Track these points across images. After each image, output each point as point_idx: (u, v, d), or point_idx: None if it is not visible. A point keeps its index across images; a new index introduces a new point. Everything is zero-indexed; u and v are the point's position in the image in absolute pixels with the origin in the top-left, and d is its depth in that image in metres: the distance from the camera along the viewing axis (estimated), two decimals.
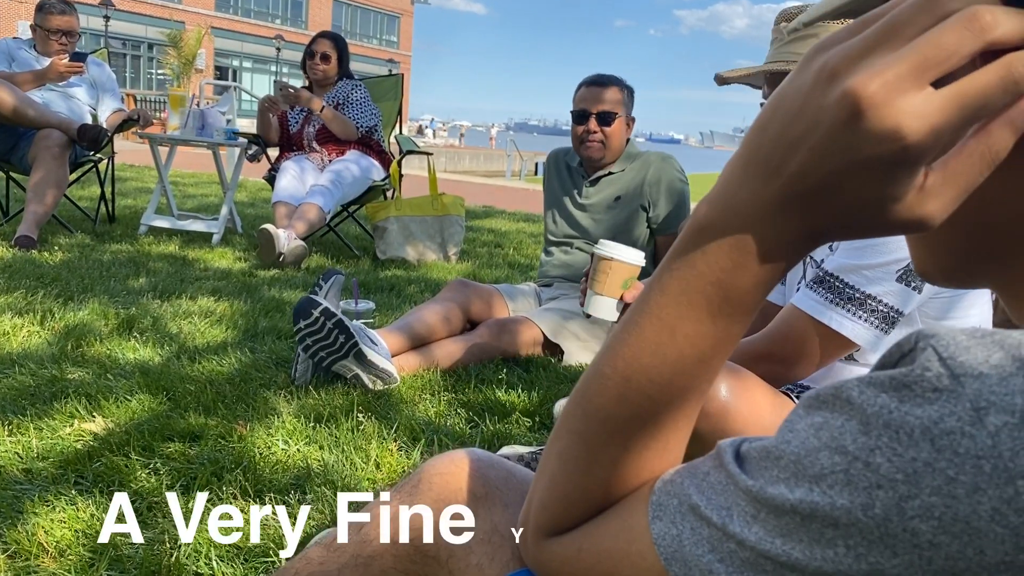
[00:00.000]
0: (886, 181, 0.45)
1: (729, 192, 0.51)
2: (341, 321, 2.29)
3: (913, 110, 0.43)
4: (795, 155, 0.47)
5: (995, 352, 0.43)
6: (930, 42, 0.43)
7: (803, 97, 0.47)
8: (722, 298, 0.53)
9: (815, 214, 0.48)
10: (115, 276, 3.64)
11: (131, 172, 8.95)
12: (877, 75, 0.43)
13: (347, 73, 4.91)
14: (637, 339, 0.57)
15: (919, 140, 0.43)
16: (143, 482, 1.72)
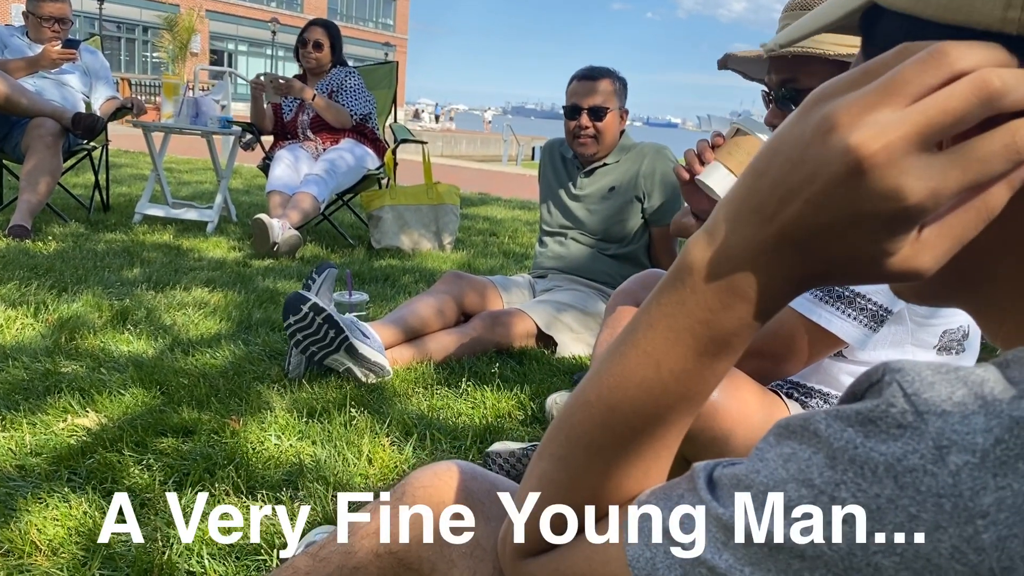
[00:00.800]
0: (882, 237, 0.45)
1: (722, 234, 0.51)
2: (330, 316, 2.30)
3: (915, 173, 0.43)
4: (791, 204, 0.47)
5: (958, 389, 0.44)
6: (937, 106, 0.43)
7: (803, 147, 0.46)
8: (709, 337, 0.54)
9: (808, 262, 0.49)
10: (109, 266, 3.64)
11: (126, 158, 8.93)
12: (881, 135, 0.43)
13: (341, 60, 4.89)
14: (623, 370, 0.57)
15: (919, 202, 0.43)
16: (136, 479, 1.73)
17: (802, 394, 1.78)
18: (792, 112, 0.50)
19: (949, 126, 0.43)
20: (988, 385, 0.43)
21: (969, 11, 0.46)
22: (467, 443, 2.00)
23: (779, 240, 0.48)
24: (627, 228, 3.09)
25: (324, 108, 4.62)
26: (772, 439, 0.50)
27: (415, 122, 43.30)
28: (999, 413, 0.42)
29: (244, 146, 4.99)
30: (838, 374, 1.75)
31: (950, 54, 0.43)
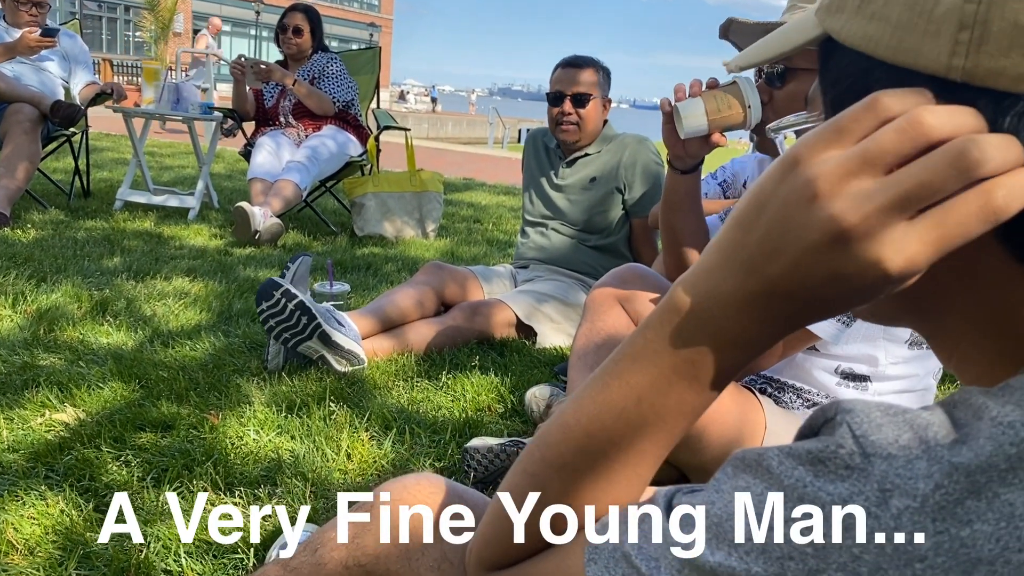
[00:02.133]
0: (866, 296, 0.47)
1: (710, 281, 0.53)
2: (303, 303, 2.29)
3: (894, 244, 0.44)
4: (778, 261, 0.48)
5: (904, 432, 0.45)
6: (914, 177, 0.43)
7: (787, 210, 0.47)
8: (692, 376, 0.55)
9: (792, 310, 0.50)
10: (89, 255, 3.61)
11: (107, 141, 8.85)
12: (860, 206, 0.44)
13: (322, 46, 4.85)
14: (604, 399, 0.58)
15: (898, 272, 0.45)
16: (114, 475, 1.73)
17: (775, 389, 1.80)
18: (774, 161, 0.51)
19: (927, 197, 0.43)
20: (932, 429, 0.44)
21: (916, 55, 0.47)
22: (446, 437, 2.01)
23: (767, 292, 0.50)
24: (608, 219, 3.10)
25: (306, 95, 4.59)
26: (730, 470, 0.51)
27: (401, 103, 43.04)
28: (940, 459, 0.43)
29: (225, 132, 4.96)
30: (811, 369, 1.77)
31: (925, 122, 0.44)
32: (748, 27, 1.74)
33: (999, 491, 0.42)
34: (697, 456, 1.59)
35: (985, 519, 0.41)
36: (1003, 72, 0.44)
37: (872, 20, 0.50)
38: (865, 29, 0.50)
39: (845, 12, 0.52)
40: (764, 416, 1.62)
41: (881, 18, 0.49)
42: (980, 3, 0.44)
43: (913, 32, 0.47)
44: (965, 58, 0.45)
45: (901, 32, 0.48)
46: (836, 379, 1.75)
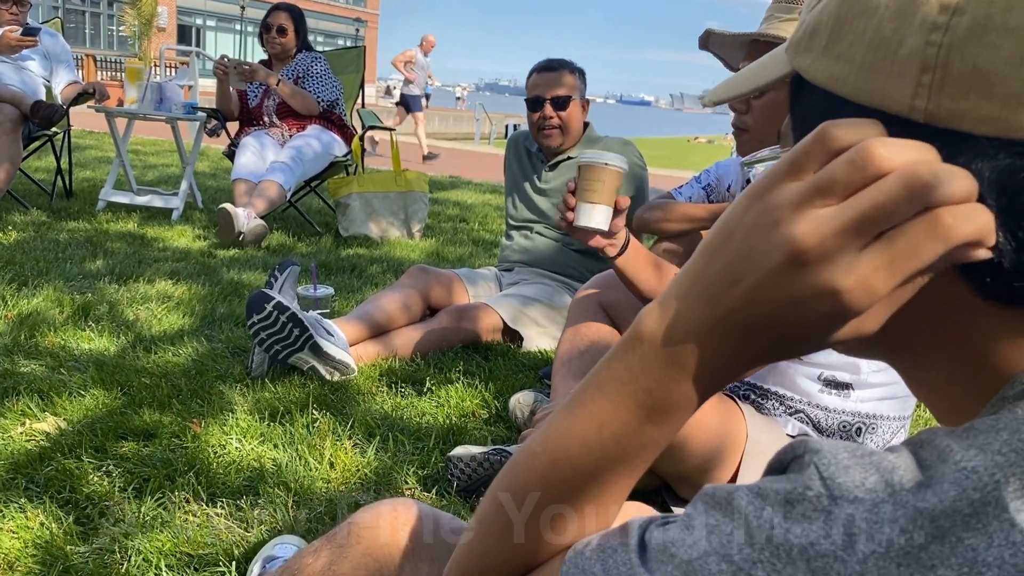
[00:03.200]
0: (823, 323, 0.47)
1: (673, 310, 0.53)
2: (295, 315, 2.29)
3: (848, 266, 0.44)
4: (737, 287, 0.49)
5: (871, 475, 0.45)
6: (869, 202, 0.44)
7: (749, 237, 0.48)
8: (651, 406, 0.55)
9: (751, 342, 0.50)
10: (71, 258, 3.59)
11: (90, 139, 8.80)
12: (817, 230, 0.45)
13: (306, 45, 4.83)
14: (568, 427, 0.59)
15: (854, 297, 0.45)
16: (95, 486, 1.72)
17: (758, 396, 1.81)
18: (741, 193, 0.52)
19: (881, 221, 0.44)
20: (898, 473, 0.45)
21: (881, 96, 0.48)
22: (430, 445, 2.01)
23: (726, 320, 0.50)
24: None
25: (290, 95, 4.57)
26: (700, 506, 0.52)
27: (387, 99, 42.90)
28: (905, 503, 0.43)
29: (209, 132, 4.93)
30: (794, 376, 1.78)
31: (876, 153, 0.44)
32: (726, 38, 1.74)
33: (963, 536, 0.42)
34: (679, 465, 1.60)
35: (949, 564, 0.42)
36: (963, 114, 0.45)
37: (838, 61, 0.50)
38: (832, 69, 0.51)
39: (813, 52, 0.53)
40: (746, 425, 1.63)
41: (847, 59, 0.50)
42: (940, 47, 0.45)
43: (878, 73, 0.48)
44: (927, 100, 0.46)
45: (866, 73, 0.48)
46: (819, 386, 1.76)
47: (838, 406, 1.75)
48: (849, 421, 1.75)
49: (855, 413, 1.75)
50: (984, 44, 0.44)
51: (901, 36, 0.47)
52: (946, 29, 0.45)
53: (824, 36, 0.52)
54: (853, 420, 1.75)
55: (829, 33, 0.51)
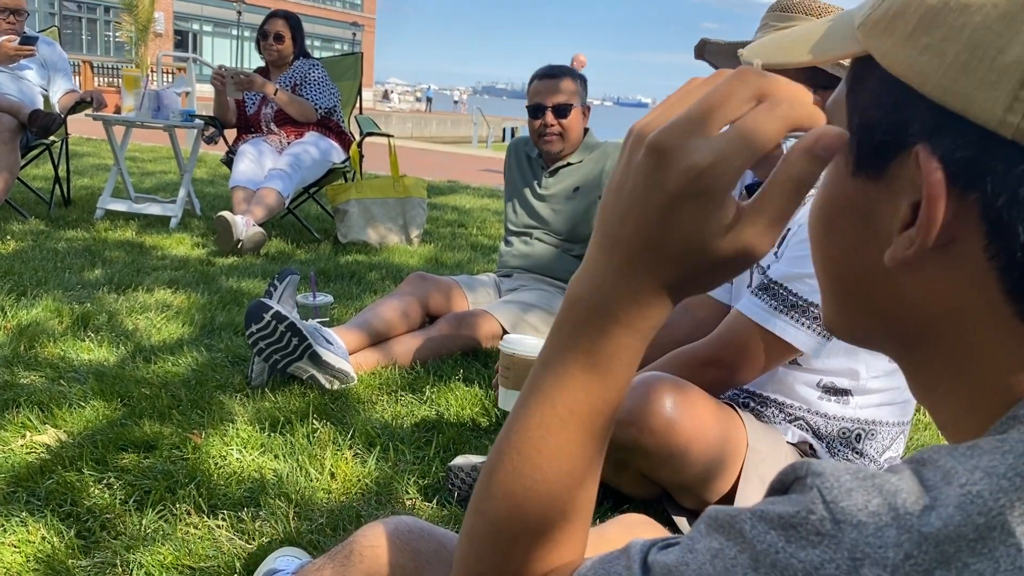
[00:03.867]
0: (698, 215, 0.50)
1: (589, 267, 0.56)
2: (293, 324, 2.29)
3: (702, 146, 0.49)
4: (627, 219, 0.52)
5: (874, 498, 0.45)
6: (710, 92, 0.49)
7: (623, 168, 0.53)
8: (591, 364, 0.56)
9: (656, 269, 0.53)
10: (70, 267, 3.59)
11: (88, 146, 8.79)
12: (670, 127, 0.50)
13: (303, 52, 4.83)
14: (525, 413, 0.59)
15: (710, 166, 0.48)
16: (96, 499, 1.72)
17: (758, 403, 1.81)
18: None
19: (720, 103, 0.49)
20: (901, 496, 0.45)
21: (968, 101, 0.45)
22: (430, 454, 2.01)
23: (628, 256, 0.53)
24: (592, 227, 3.10)
25: (287, 103, 4.57)
26: (703, 528, 0.51)
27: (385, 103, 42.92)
28: (909, 528, 0.43)
29: (207, 140, 4.93)
30: (793, 384, 1.78)
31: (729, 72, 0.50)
32: (722, 47, 1.75)
33: (968, 561, 0.42)
34: (679, 474, 1.60)
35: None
36: None
37: (924, 52, 0.47)
38: (915, 60, 0.47)
39: (894, 36, 0.49)
40: (746, 434, 1.63)
41: (936, 53, 0.46)
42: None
43: (969, 76, 0.44)
44: (1022, 117, 0.43)
45: (956, 73, 0.45)
46: (818, 393, 1.76)
47: (838, 413, 1.75)
48: (849, 428, 1.75)
49: (855, 420, 1.75)
50: None
51: (1005, 42, 0.44)
52: None
53: (911, 21, 0.48)
54: (853, 427, 1.75)
55: (918, 20, 0.47)
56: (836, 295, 0.57)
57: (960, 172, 0.45)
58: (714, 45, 1.74)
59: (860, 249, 0.53)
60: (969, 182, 0.45)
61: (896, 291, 0.52)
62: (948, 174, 0.46)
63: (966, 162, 0.45)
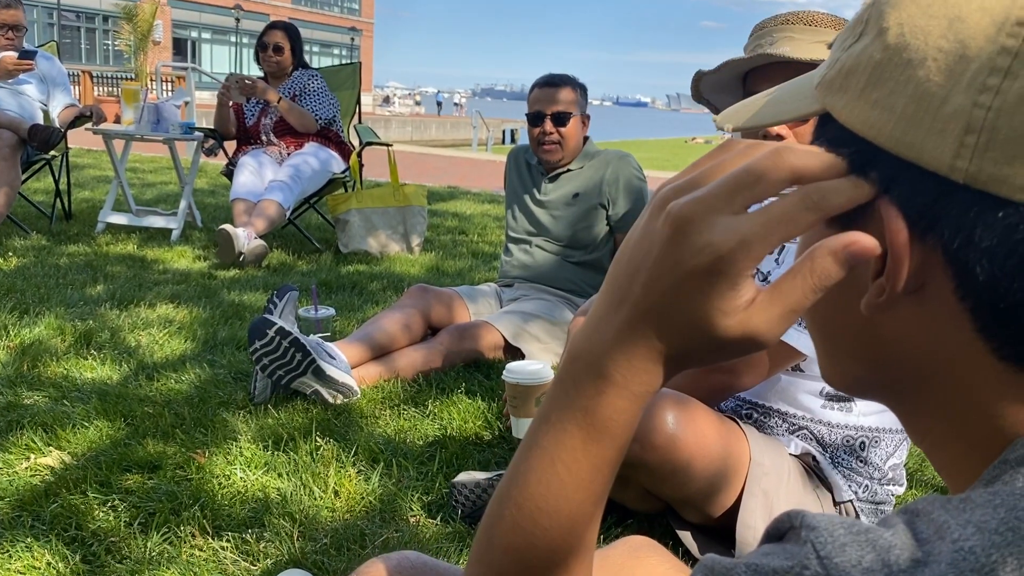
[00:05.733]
0: (710, 293, 0.49)
1: (593, 323, 0.55)
2: (297, 339, 2.29)
3: (724, 225, 0.47)
4: (637, 280, 0.51)
5: (868, 554, 0.45)
6: (741, 168, 0.48)
7: (642, 231, 0.52)
8: (589, 424, 0.56)
9: (659, 336, 0.52)
10: (72, 283, 3.59)
11: (88, 158, 8.80)
12: (695, 200, 0.48)
13: (302, 63, 4.84)
14: (525, 467, 0.59)
15: (730, 250, 0.47)
16: (101, 522, 1.73)
17: (761, 414, 1.81)
18: None
19: (751, 184, 0.47)
20: (895, 552, 0.45)
21: (919, 151, 0.46)
22: (434, 469, 2.01)
23: (632, 318, 0.52)
24: (592, 234, 3.11)
25: (288, 111, 4.58)
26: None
27: (384, 107, 42.97)
28: None
29: (207, 152, 4.95)
30: (796, 393, 1.78)
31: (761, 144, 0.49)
32: (712, 80, 1.74)
33: None
34: (682, 489, 1.60)
35: None
36: (1005, 180, 0.44)
37: (876, 107, 0.49)
38: (868, 115, 0.49)
39: (848, 93, 0.51)
40: (748, 447, 1.63)
41: (885, 107, 0.48)
42: (989, 110, 0.44)
43: (918, 127, 0.47)
44: (969, 161, 0.45)
45: (905, 124, 0.47)
46: (821, 401, 1.76)
47: (841, 421, 1.75)
48: (852, 436, 1.75)
49: (858, 427, 1.75)
50: None
51: (947, 93, 0.46)
52: (996, 92, 0.44)
53: (862, 79, 0.50)
54: (856, 435, 1.75)
55: (868, 76, 0.50)
56: (826, 347, 0.58)
57: (919, 218, 0.47)
58: (711, 77, 1.73)
59: (839, 299, 0.53)
60: (928, 227, 0.47)
61: (878, 338, 0.53)
62: (909, 221, 0.47)
63: (924, 208, 0.46)
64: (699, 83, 1.76)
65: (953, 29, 0.46)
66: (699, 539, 1.69)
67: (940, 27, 0.47)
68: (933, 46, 0.47)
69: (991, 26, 0.45)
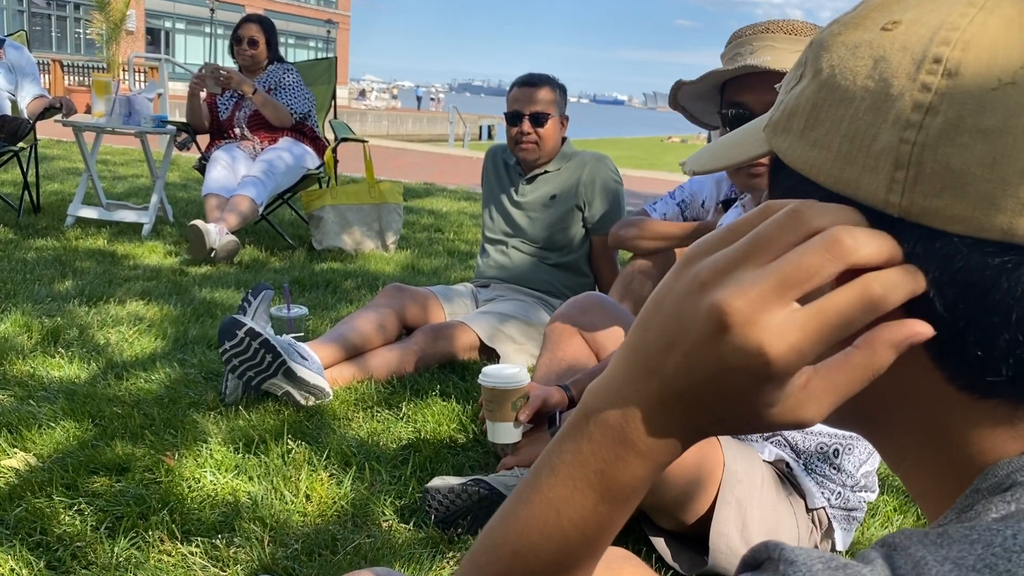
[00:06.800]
0: (755, 391, 0.47)
1: (615, 385, 0.52)
2: (267, 340, 2.26)
3: (775, 328, 0.44)
4: (670, 358, 0.48)
5: None
6: (792, 262, 0.45)
7: (678, 304, 0.48)
8: (604, 487, 0.54)
9: (692, 413, 0.50)
10: (40, 279, 3.53)
11: (58, 149, 8.66)
12: (742, 292, 0.45)
13: (277, 56, 4.79)
14: (527, 515, 0.58)
15: (781, 357, 0.44)
16: (67, 526, 1.69)
17: None
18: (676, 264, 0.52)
19: (804, 280, 0.44)
20: None
21: (856, 188, 0.47)
22: (407, 473, 2.00)
23: (663, 393, 0.50)
24: (568, 236, 3.10)
25: (263, 104, 4.52)
26: None
27: (360, 101, 42.72)
28: None
29: (180, 146, 4.88)
30: None
31: (805, 213, 0.46)
32: (690, 96, 1.75)
33: None
34: (657, 497, 1.60)
35: None
36: (936, 212, 0.45)
37: (815, 147, 0.50)
38: (808, 155, 0.50)
39: (790, 134, 0.52)
40: (723, 455, 1.63)
41: (823, 146, 0.49)
42: (914, 145, 0.45)
43: (853, 164, 0.48)
44: (901, 196, 0.46)
45: (841, 162, 0.48)
46: None
47: (815, 427, 1.76)
48: (826, 443, 1.75)
49: (832, 434, 1.75)
50: (957, 145, 0.44)
51: (876, 130, 0.47)
52: (920, 128, 0.45)
53: (801, 120, 0.51)
54: (830, 442, 1.75)
55: (806, 118, 0.51)
56: None
57: None
58: (690, 87, 1.73)
59: None
60: None
61: None
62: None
63: None
64: (678, 92, 1.76)
65: (878, 69, 0.47)
66: (672, 546, 1.69)
67: (866, 67, 0.48)
68: (860, 86, 0.48)
69: (911, 64, 0.46)
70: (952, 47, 0.45)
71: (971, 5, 0.46)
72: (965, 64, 0.44)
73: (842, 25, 0.51)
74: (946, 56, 0.45)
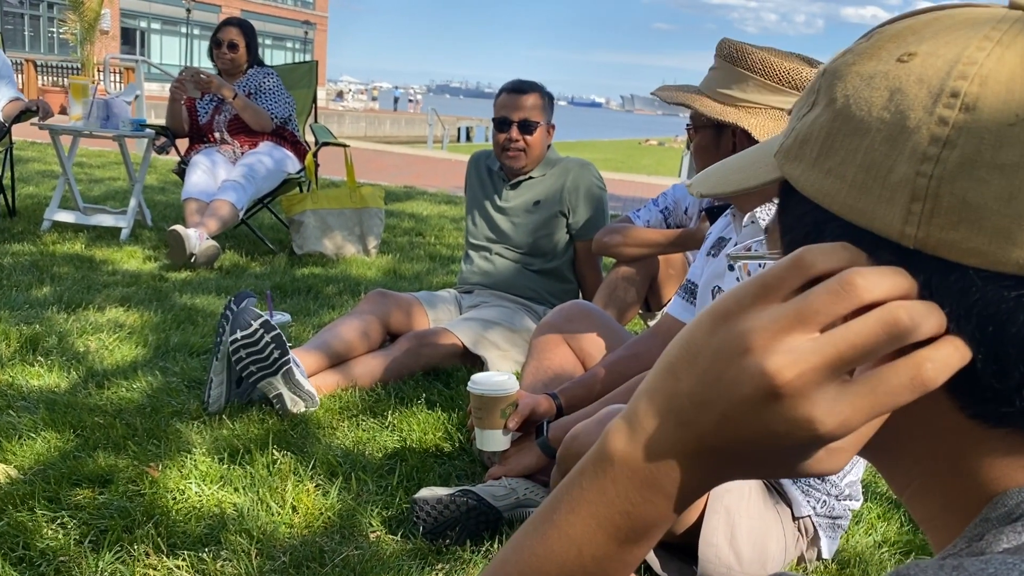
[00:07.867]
0: (799, 455, 0.47)
1: (643, 430, 0.52)
2: (279, 336, 2.25)
3: (826, 404, 0.44)
4: (708, 415, 0.48)
5: None
6: (847, 340, 0.44)
7: (719, 364, 0.47)
8: (629, 527, 0.54)
9: (725, 465, 0.50)
10: (17, 285, 3.49)
11: (33, 151, 8.56)
12: (794, 364, 0.44)
13: (257, 60, 4.76)
14: (544, 550, 0.57)
15: (830, 432, 0.45)
16: (50, 540, 1.67)
17: None
18: (701, 313, 0.51)
19: (859, 359, 0.44)
20: None
21: (871, 218, 0.47)
22: (393, 483, 1.99)
23: (697, 444, 0.49)
24: (552, 242, 3.11)
25: (243, 108, 4.49)
26: None
27: (338, 102, 42.54)
28: None
29: (158, 150, 4.84)
30: None
31: (858, 285, 0.45)
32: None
33: None
34: None
35: None
36: (953, 245, 0.45)
37: (829, 176, 0.50)
38: (822, 183, 0.50)
39: (803, 162, 0.52)
40: None
41: (837, 175, 0.49)
42: (931, 178, 0.45)
43: (868, 195, 0.48)
44: (917, 227, 0.46)
45: (856, 192, 0.48)
46: None
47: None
48: None
49: None
50: (974, 179, 0.44)
51: (892, 162, 0.47)
52: (936, 161, 0.45)
53: (815, 148, 0.51)
54: None
55: (820, 146, 0.51)
56: None
57: None
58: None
59: None
60: None
61: None
62: None
63: None
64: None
65: (894, 100, 0.47)
66: (662, 555, 1.69)
67: (882, 98, 0.48)
68: (876, 116, 0.48)
69: (928, 97, 0.46)
70: (970, 82, 0.45)
71: (988, 39, 0.46)
72: (983, 99, 0.44)
73: (856, 55, 0.52)
74: (964, 90, 0.45)
